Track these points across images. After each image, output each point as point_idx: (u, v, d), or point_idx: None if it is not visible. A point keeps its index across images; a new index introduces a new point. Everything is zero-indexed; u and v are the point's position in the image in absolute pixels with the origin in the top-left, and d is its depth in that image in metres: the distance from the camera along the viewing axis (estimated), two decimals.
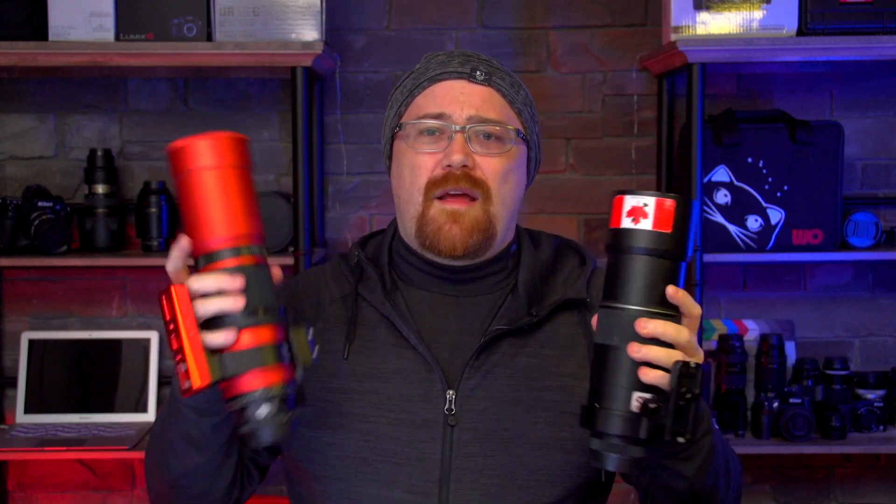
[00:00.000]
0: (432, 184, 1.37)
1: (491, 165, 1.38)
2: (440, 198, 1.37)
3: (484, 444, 1.35)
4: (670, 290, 1.15)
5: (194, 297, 1.11)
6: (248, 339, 1.11)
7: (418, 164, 1.39)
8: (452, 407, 1.36)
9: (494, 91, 1.41)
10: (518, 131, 1.41)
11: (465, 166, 1.36)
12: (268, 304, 1.13)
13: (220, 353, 1.10)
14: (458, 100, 1.39)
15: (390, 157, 1.48)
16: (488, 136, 1.39)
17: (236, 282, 1.11)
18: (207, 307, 1.11)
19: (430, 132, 1.39)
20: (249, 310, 1.11)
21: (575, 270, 1.46)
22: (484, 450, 1.35)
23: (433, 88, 1.41)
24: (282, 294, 1.35)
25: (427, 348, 1.37)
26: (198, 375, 1.08)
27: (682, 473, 1.25)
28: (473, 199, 1.37)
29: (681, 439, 1.11)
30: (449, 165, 1.36)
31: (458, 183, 1.36)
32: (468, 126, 1.38)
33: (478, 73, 1.40)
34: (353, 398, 1.38)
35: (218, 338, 1.10)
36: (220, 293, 1.11)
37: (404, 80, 1.46)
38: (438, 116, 1.39)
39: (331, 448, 1.38)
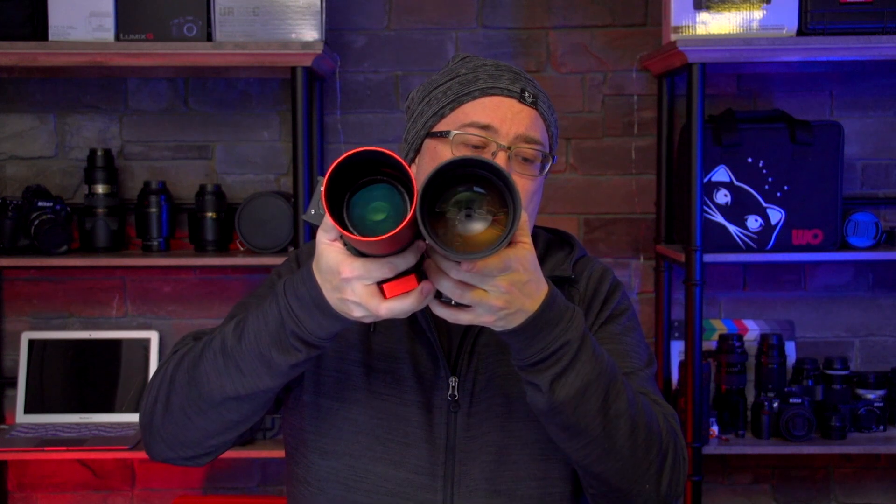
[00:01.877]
0: None
1: (524, 186, 1.43)
2: None
3: (482, 424, 1.41)
4: None
5: None
6: None
7: None
8: (455, 393, 1.41)
9: (538, 114, 1.47)
10: (553, 157, 1.48)
11: None
12: None
13: None
14: (507, 117, 1.44)
15: (417, 151, 1.51)
16: (526, 159, 1.44)
17: None
18: None
19: (476, 147, 1.43)
20: None
21: (562, 257, 1.55)
22: (482, 429, 1.41)
23: (483, 101, 1.45)
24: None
25: (436, 335, 1.43)
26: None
27: (537, 384, 1.26)
28: None
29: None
30: None
31: None
32: (513, 146, 1.43)
33: (526, 94, 1.46)
34: (371, 374, 1.43)
35: None
36: None
37: (447, 81, 1.49)
38: (486, 127, 1.43)
39: (345, 422, 1.42)
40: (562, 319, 1.25)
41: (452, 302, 1.20)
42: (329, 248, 1.16)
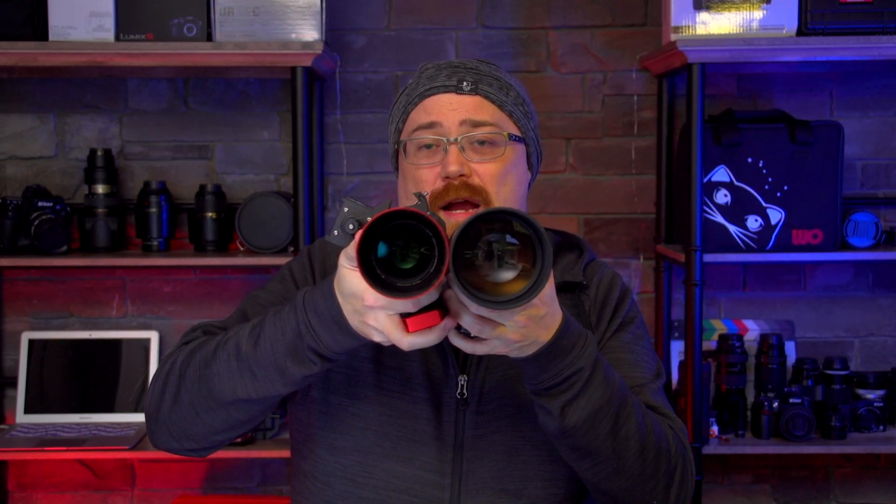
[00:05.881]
0: (435, 196, 1.43)
1: (487, 171, 1.44)
2: (445, 208, 1.43)
3: (492, 423, 1.42)
4: None
5: None
6: None
7: (419, 177, 1.45)
8: (464, 391, 1.42)
9: (482, 98, 1.47)
10: (510, 134, 1.47)
11: (462, 175, 1.42)
12: None
13: None
14: (446, 111, 1.45)
15: (398, 170, 1.55)
16: (482, 142, 1.45)
17: None
18: None
19: (428, 146, 1.45)
20: None
21: (572, 261, 1.55)
22: (491, 428, 1.42)
23: (424, 103, 1.47)
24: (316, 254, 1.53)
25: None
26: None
27: (548, 409, 1.28)
28: (476, 206, 1.43)
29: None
30: (447, 177, 1.42)
31: (458, 193, 1.42)
32: (461, 136, 1.44)
33: (464, 83, 1.46)
34: (381, 371, 1.44)
35: None
36: None
37: (399, 96, 1.53)
38: (430, 126, 1.45)
39: (355, 418, 1.42)
40: (574, 347, 1.27)
41: (471, 334, 1.22)
42: (352, 274, 1.17)
